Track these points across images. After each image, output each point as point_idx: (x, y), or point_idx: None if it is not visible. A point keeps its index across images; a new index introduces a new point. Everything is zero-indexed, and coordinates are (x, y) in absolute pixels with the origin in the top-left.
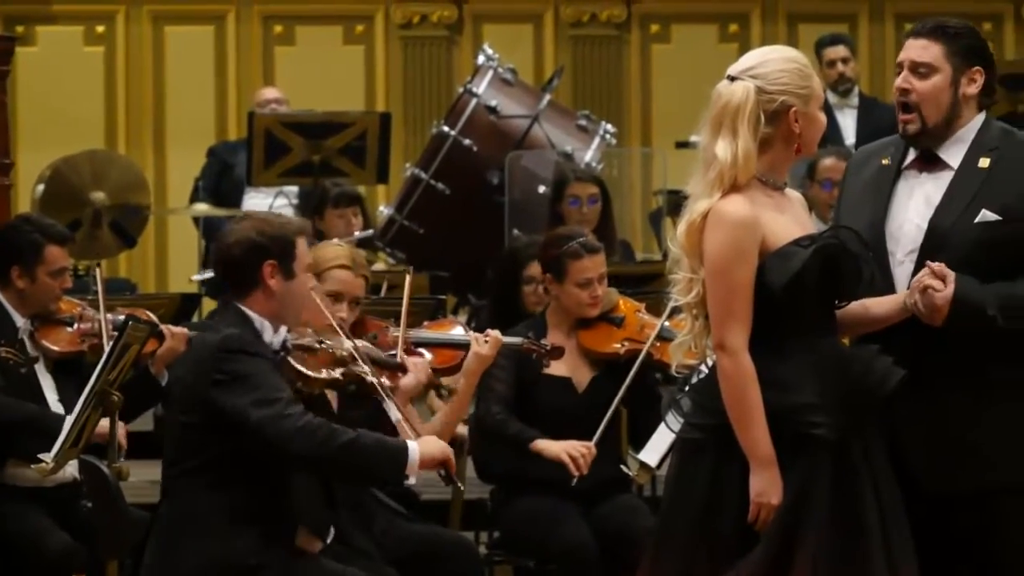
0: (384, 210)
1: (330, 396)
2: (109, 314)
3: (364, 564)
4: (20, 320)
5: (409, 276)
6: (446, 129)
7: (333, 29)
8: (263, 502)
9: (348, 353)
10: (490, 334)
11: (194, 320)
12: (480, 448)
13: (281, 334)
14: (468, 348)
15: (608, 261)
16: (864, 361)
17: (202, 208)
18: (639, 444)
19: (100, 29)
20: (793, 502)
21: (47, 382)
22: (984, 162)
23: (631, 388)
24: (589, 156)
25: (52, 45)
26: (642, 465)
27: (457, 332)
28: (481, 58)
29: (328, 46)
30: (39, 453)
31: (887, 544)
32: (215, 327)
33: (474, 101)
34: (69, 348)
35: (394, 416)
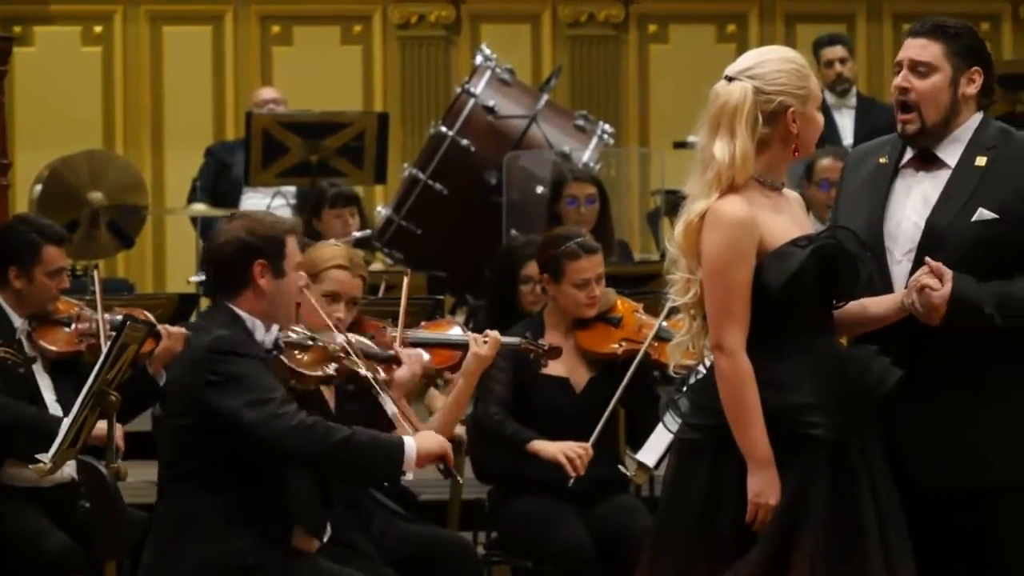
0: (382, 210)
1: (327, 393)
2: (107, 314)
3: (362, 564)
4: (18, 320)
5: (407, 278)
6: (444, 129)
7: (331, 29)
8: (259, 502)
9: (341, 348)
10: (489, 334)
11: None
12: (478, 449)
13: (273, 332)
14: (466, 348)
15: (606, 261)
16: (862, 361)
17: (200, 208)
18: (637, 444)
19: (98, 29)
20: (791, 502)
21: (45, 382)
22: (981, 161)
23: (629, 388)
24: (587, 156)
25: (50, 45)
26: (640, 465)
27: (455, 332)
28: (479, 58)
29: (326, 46)
30: (37, 454)
31: (885, 544)
32: (206, 327)
33: (472, 101)
34: (67, 348)
35: (390, 410)
